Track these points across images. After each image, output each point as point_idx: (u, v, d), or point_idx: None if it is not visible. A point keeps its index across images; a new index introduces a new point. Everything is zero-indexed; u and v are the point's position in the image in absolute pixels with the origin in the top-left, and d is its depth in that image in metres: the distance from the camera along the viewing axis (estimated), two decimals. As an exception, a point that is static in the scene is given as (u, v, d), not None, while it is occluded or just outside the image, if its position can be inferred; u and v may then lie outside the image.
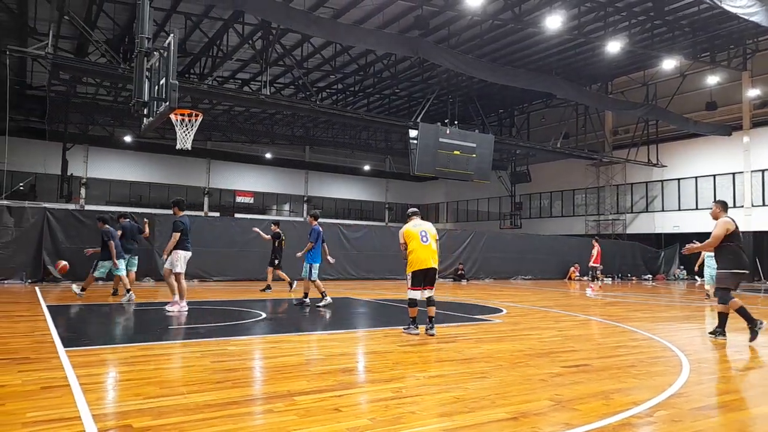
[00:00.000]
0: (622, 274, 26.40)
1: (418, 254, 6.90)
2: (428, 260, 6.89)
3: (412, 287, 6.98)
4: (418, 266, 6.89)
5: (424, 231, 7.03)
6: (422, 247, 6.91)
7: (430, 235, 7.05)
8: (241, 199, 37.75)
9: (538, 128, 32.83)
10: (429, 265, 6.90)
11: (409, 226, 7.18)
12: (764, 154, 25.01)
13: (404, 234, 7.09)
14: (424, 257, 6.89)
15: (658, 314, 10.30)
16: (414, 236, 6.99)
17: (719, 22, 20.53)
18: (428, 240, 6.97)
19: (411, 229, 7.08)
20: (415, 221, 7.25)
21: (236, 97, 20.72)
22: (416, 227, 7.10)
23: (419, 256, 6.90)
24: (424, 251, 6.90)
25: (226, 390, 4.02)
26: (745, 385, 4.75)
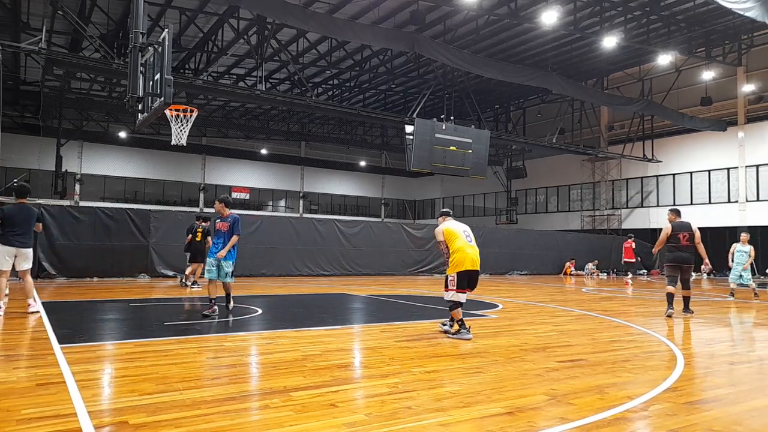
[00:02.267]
0: (617, 269, 26.48)
1: (466, 254, 6.48)
2: (476, 261, 6.55)
3: (458, 289, 6.47)
4: (466, 266, 6.46)
5: (467, 230, 6.73)
6: (469, 246, 6.56)
7: (472, 235, 6.77)
8: (236, 195, 37.65)
9: (533, 124, 32.85)
10: (476, 267, 6.55)
11: (448, 225, 6.78)
12: (759, 149, 25.10)
13: (444, 233, 6.66)
14: (473, 257, 6.52)
15: (652, 309, 10.35)
16: (457, 235, 6.61)
17: (714, 17, 20.56)
18: (473, 240, 6.69)
19: (452, 228, 6.70)
20: (450, 221, 6.90)
21: (231, 93, 20.66)
22: (457, 226, 6.75)
23: (468, 256, 6.48)
24: (472, 250, 6.55)
25: (223, 386, 4.02)
26: (739, 379, 4.78)
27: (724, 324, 8.56)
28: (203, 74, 22.89)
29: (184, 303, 9.25)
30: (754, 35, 23.55)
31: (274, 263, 17.44)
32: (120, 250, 15.33)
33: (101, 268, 15.00)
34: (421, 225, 24.40)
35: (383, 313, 9.55)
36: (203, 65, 22.75)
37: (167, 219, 16.17)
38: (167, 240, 15.74)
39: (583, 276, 24.14)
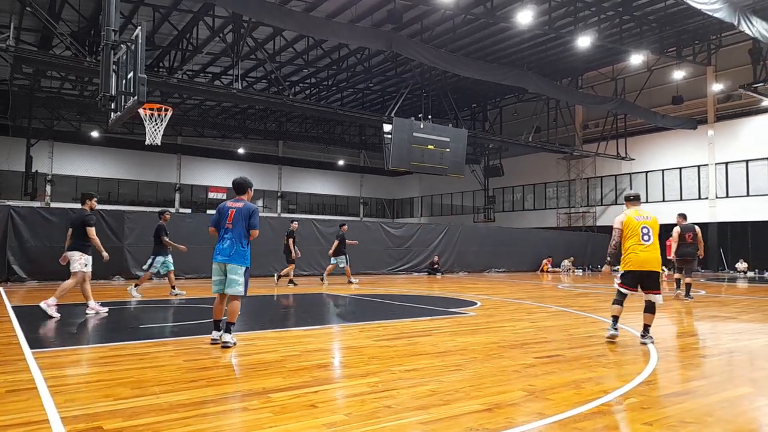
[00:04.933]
0: (593, 266, 26.93)
1: (637, 255, 6.05)
2: (647, 263, 6.04)
3: (621, 285, 6.23)
4: (633, 267, 6.08)
5: (647, 228, 6.09)
6: (641, 247, 6.03)
7: (653, 231, 6.13)
8: (213, 195, 37.23)
9: (510, 122, 33.19)
10: (648, 268, 6.05)
11: (629, 214, 6.21)
12: (728, 147, 25.77)
13: (623, 223, 6.15)
14: (643, 259, 6.03)
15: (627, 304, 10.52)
16: (634, 231, 6.08)
17: (685, 17, 21.03)
18: (650, 239, 6.08)
19: (631, 221, 6.14)
20: (634, 208, 6.29)
21: (207, 92, 20.41)
22: (638, 219, 6.15)
23: (637, 257, 6.05)
24: (643, 252, 6.03)
25: (200, 389, 3.97)
26: (711, 371, 4.90)
27: (695, 318, 8.77)
28: (178, 72, 22.56)
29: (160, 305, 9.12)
30: (723, 36, 24.15)
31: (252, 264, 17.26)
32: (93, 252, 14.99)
33: (74, 271, 14.66)
34: (400, 224, 24.46)
35: (362, 312, 9.54)
36: (178, 63, 22.42)
37: (142, 220, 15.90)
38: (142, 241, 15.48)
39: (560, 273, 24.48)
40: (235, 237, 5.75)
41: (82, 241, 7.92)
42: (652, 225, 6.17)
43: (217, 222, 5.88)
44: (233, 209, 5.84)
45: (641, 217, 6.18)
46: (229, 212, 5.82)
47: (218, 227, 5.87)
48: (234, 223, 5.77)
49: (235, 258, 5.72)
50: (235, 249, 5.73)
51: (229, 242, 5.74)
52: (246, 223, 5.79)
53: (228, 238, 5.76)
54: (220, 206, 5.99)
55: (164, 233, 10.77)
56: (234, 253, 5.72)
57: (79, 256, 7.92)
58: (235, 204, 5.90)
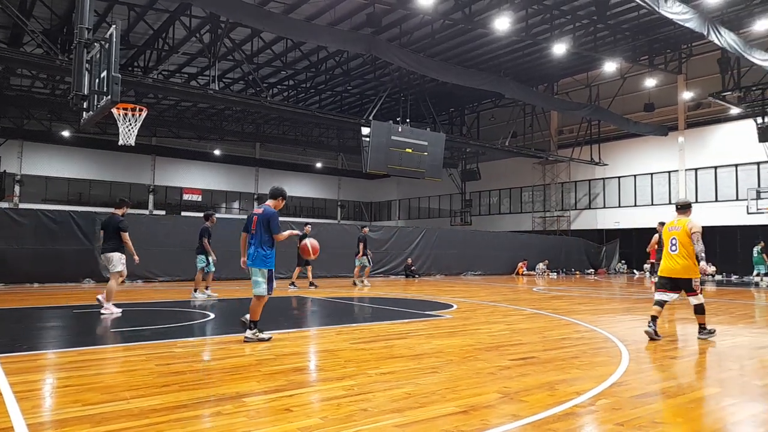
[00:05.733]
0: (567, 269, 27.34)
1: (665, 261, 6.81)
2: (674, 270, 6.67)
3: (657, 288, 6.97)
4: (663, 273, 6.83)
5: (675, 238, 6.68)
6: (668, 256, 6.75)
7: (680, 243, 6.63)
8: (188, 197, 36.76)
9: (487, 127, 33.53)
10: (675, 275, 6.68)
11: (667, 224, 6.97)
12: (698, 153, 26.45)
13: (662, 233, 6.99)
14: (670, 267, 6.72)
15: (600, 307, 10.73)
16: (666, 241, 6.84)
17: (657, 26, 21.54)
18: (676, 249, 6.66)
19: (665, 232, 6.92)
20: (674, 219, 6.92)
21: (183, 92, 20.14)
22: (671, 230, 6.82)
23: (665, 264, 6.81)
24: (669, 260, 6.74)
25: (173, 393, 3.90)
26: (680, 372, 5.01)
27: (665, 320, 8.96)
28: (153, 72, 22.25)
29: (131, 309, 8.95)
30: (693, 45, 24.81)
31: (228, 266, 17.05)
32: (63, 254, 14.69)
33: (43, 274, 14.31)
34: (378, 227, 24.46)
35: (339, 315, 9.51)
36: (153, 63, 22.09)
37: (115, 222, 15.59)
38: (115, 243, 15.19)
39: (535, 276, 24.78)
40: (258, 242, 6.13)
41: (119, 243, 8.46)
42: (680, 235, 6.67)
43: (247, 228, 6.33)
44: (256, 215, 6.26)
45: (673, 228, 6.81)
46: (253, 218, 6.25)
47: (248, 232, 6.29)
48: (257, 228, 6.17)
49: (257, 262, 6.11)
50: (257, 253, 6.12)
51: (252, 247, 6.17)
52: (266, 228, 6.14)
53: (252, 243, 6.18)
54: (248, 214, 6.48)
55: (208, 236, 11.26)
56: (256, 257, 6.11)
57: (119, 257, 8.48)
58: (258, 210, 6.31)
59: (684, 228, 6.64)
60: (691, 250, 6.55)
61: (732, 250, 24.50)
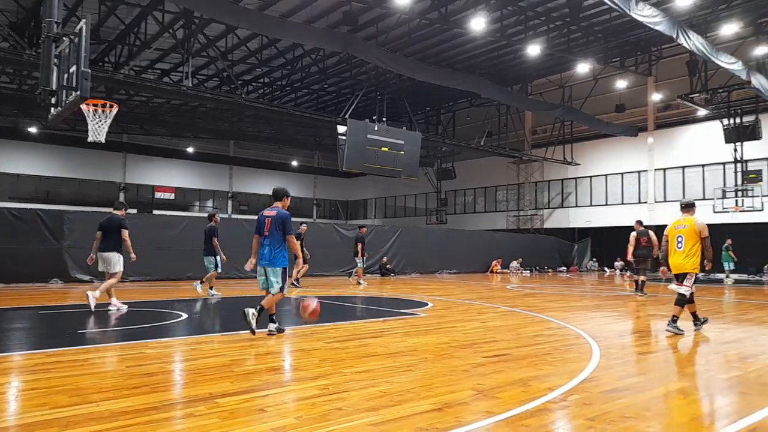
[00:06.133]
0: (540, 267, 27.73)
1: (671, 258, 7.29)
2: (680, 266, 7.12)
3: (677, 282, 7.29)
4: (672, 270, 7.30)
5: (681, 236, 7.13)
6: (674, 252, 7.24)
7: (686, 240, 7.09)
8: (160, 195, 36.13)
9: (463, 126, 33.77)
10: (679, 270, 7.15)
11: (672, 223, 7.41)
12: (666, 154, 27.08)
13: (668, 231, 7.37)
14: (675, 263, 7.20)
15: (571, 304, 10.91)
16: (672, 239, 7.30)
17: (628, 29, 21.98)
18: (682, 246, 7.13)
19: (671, 230, 7.33)
20: (679, 217, 7.37)
21: (155, 88, 19.77)
22: (677, 228, 7.26)
23: (670, 262, 7.30)
24: (674, 257, 7.21)
25: (144, 395, 3.84)
26: (649, 368, 5.13)
27: (634, 317, 9.17)
28: (124, 68, 21.79)
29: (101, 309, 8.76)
30: (663, 48, 25.40)
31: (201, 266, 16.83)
32: (30, 253, 14.27)
33: (8, 273, 13.88)
34: (354, 225, 24.42)
35: (315, 314, 9.45)
36: (125, 58, 21.64)
37: (84, 220, 15.23)
38: (84, 243, 14.83)
39: (509, 273, 25.06)
40: (272, 243, 6.47)
41: (118, 243, 8.73)
42: (687, 233, 7.12)
43: (258, 230, 6.61)
44: (269, 218, 6.57)
45: (680, 226, 7.26)
46: (266, 221, 6.56)
47: (260, 234, 6.59)
48: (270, 230, 6.50)
49: (274, 262, 6.48)
50: (273, 254, 6.47)
51: (267, 248, 6.49)
52: (280, 229, 6.47)
53: (266, 244, 6.50)
54: (258, 215, 6.73)
55: (215, 235, 11.39)
56: (272, 258, 6.47)
57: (118, 257, 8.77)
58: (270, 212, 6.61)
59: (691, 226, 7.08)
60: (697, 248, 7.04)
61: (699, 248, 25.16)
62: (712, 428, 3.38)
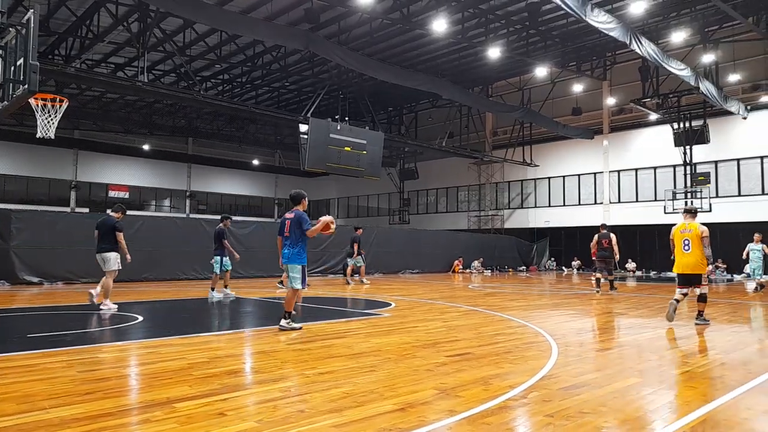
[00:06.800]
0: (500, 266, 28.20)
1: (679, 259, 7.87)
2: (687, 266, 7.75)
3: (677, 285, 7.96)
4: (678, 270, 7.90)
5: (688, 239, 7.75)
6: (681, 254, 7.85)
7: (693, 244, 7.71)
8: (114, 194, 34.95)
9: (425, 127, 34.02)
10: (688, 271, 7.75)
11: (677, 226, 7.97)
12: (620, 156, 28.00)
13: (673, 235, 8.00)
14: (681, 262, 7.84)
15: (531, 303, 11.14)
16: (677, 244, 7.90)
17: (584, 34, 22.61)
18: (689, 248, 7.74)
19: (677, 233, 7.94)
20: (684, 222, 7.96)
21: (109, 83, 19.13)
22: (682, 232, 7.86)
23: (678, 261, 7.89)
24: (683, 258, 7.82)
25: (97, 401, 3.69)
26: (605, 364, 5.28)
27: (591, 315, 9.43)
28: (76, 61, 20.99)
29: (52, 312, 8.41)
30: (617, 53, 26.24)
31: (158, 267, 16.40)
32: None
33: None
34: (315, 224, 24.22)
35: (276, 315, 9.34)
36: (76, 52, 20.83)
37: (32, 220, 14.61)
38: (32, 243, 14.22)
39: (470, 273, 25.39)
40: (293, 243, 7.09)
41: (115, 243, 9.02)
42: (692, 237, 7.77)
43: (281, 232, 7.25)
44: (288, 220, 7.23)
45: (685, 230, 7.89)
46: (286, 223, 7.23)
47: (282, 235, 7.21)
48: (290, 231, 7.13)
49: (293, 260, 7.08)
50: (292, 252, 7.07)
51: (288, 248, 7.11)
52: (298, 229, 7.07)
53: (288, 245, 7.14)
54: (281, 219, 7.48)
55: (225, 236, 11.66)
56: (292, 256, 7.07)
57: (116, 257, 9.06)
58: (289, 215, 7.27)
59: (696, 231, 7.77)
60: (701, 251, 7.72)
61: (651, 247, 26.11)
62: (664, 422, 3.50)
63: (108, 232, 9.02)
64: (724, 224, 22.76)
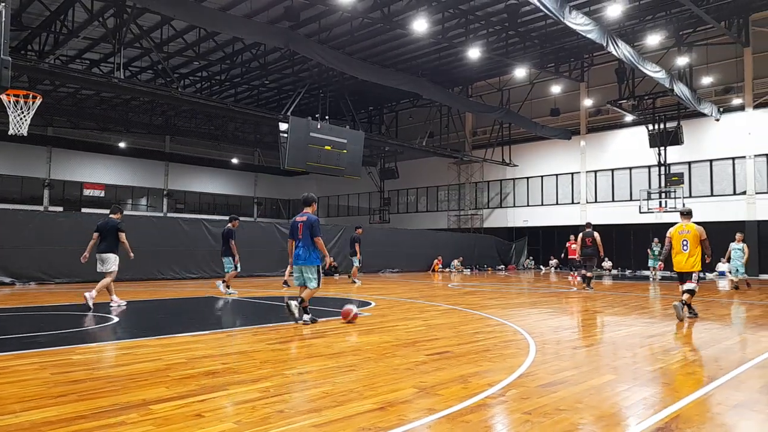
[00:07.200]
0: (479, 265, 28.40)
1: (678, 258, 8.50)
2: (682, 265, 8.41)
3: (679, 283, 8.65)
4: (676, 269, 8.54)
5: (686, 240, 8.38)
6: (680, 253, 8.46)
7: (691, 244, 8.33)
8: (89, 192, 34.32)
9: (405, 126, 34.08)
10: (685, 269, 8.41)
11: (675, 228, 8.55)
12: (597, 157, 28.41)
13: (671, 235, 8.55)
14: (678, 261, 8.50)
15: (509, 301, 11.24)
16: (675, 244, 8.52)
17: (563, 36, 22.88)
18: (687, 249, 8.36)
19: (675, 234, 8.52)
20: (681, 223, 8.55)
21: (84, 79, 18.73)
22: (681, 233, 8.47)
23: (675, 260, 8.53)
24: (681, 257, 8.45)
25: (71, 404, 3.62)
26: (581, 361, 5.35)
27: (568, 313, 9.56)
28: (50, 57, 20.52)
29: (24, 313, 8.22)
30: (594, 55, 26.62)
31: (135, 267, 16.11)
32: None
33: None
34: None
35: (255, 315, 9.28)
36: (50, 47, 20.38)
37: (4, 219, 14.25)
38: (4, 242, 13.88)
39: (449, 272, 25.52)
40: (306, 245, 7.45)
41: (115, 244, 9.24)
42: (690, 237, 8.38)
43: (292, 234, 7.63)
44: (300, 223, 7.56)
45: (683, 231, 8.49)
46: (298, 226, 7.56)
47: (294, 238, 7.57)
48: (303, 234, 7.49)
49: (308, 261, 7.46)
50: (306, 254, 7.45)
51: (302, 250, 7.46)
52: (310, 232, 7.44)
53: (301, 247, 7.49)
54: (291, 222, 7.81)
55: (233, 237, 12.03)
56: (307, 258, 7.45)
57: (115, 258, 9.27)
58: (301, 218, 7.60)
59: (693, 232, 8.36)
60: (698, 250, 8.35)
61: (626, 246, 26.57)
62: (638, 418, 3.56)
63: (111, 233, 9.24)
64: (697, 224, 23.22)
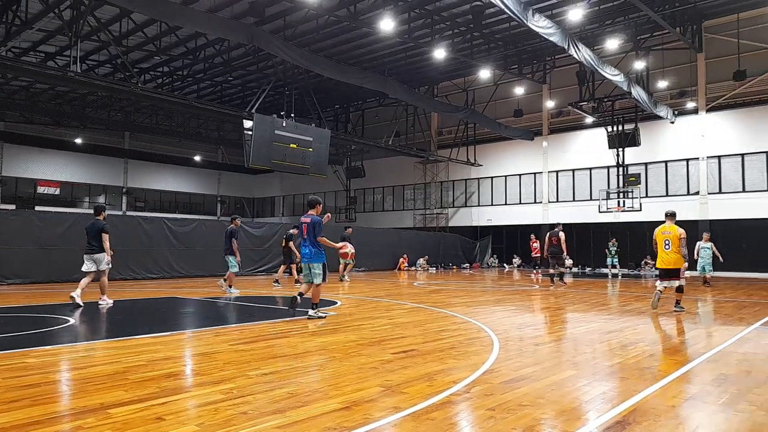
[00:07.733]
0: (445, 264, 28.68)
1: (661, 256, 9.15)
2: (668, 263, 9.03)
3: (660, 278, 9.23)
4: (660, 266, 9.21)
5: (668, 240, 9.01)
6: (662, 252, 9.13)
7: (672, 244, 8.96)
8: (44, 190, 33.09)
9: (372, 125, 34.07)
10: (669, 267, 9.04)
11: (659, 228, 9.18)
12: (558, 157, 29.06)
13: (655, 235, 9.23)
14: (661, 258, 9.15)
15: (474, 299, 11.39)
16: (659, 242, 9.16)
17: (526, 38, 23.30)
18: (669, 248, 9.01)
19: (659, 234, 9.18)
20: (665, 224, 9.16)
21: (37, 73, 18.03)
22: (663, 234, 9.11)
23: (659, 258, 9.20)
24: (664, 255, 9.09)
25: (24, 409, 3.48)
26: (543, 358, 5.47)
27: (531, 310, 9.75)
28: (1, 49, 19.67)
29: None
30: (556, 58, 27.19)
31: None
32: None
33: None
34: (260, 223, 23.82)
35: (217, 316, 9.13)
36: (1, 39, 19.52)
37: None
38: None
39: (415, 271, 25.67)
40: (311, 244, 7.97)
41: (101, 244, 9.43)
42: (672, 237, 9.02)
43: (300, 233, 8.13)
44: (305, 223, 8.07)
45: (665, 232, 9.14)
46: (303, 226, 8.09)
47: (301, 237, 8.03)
48: (307, 234, 8.00)
49: (314, 259, 7.99)
50: (312, 252, 7.97)
51: (308, 249, 8.00)
52: (314, 232, 7.95)
53: (306, 245, 8.02)
54: (299, 223, 8.37)
55: (235, 237, 12.26)
56: (313, 256, 7.99)
57: (104, 256, 9.47)
58: (306, 219, 8.11)
59: (674, 233, 9.00)
60: (679, 249, 8.95)
61: (586, 244, 27.26)
62: (598, 412, 3.66)
63: (96, 234, 9.42)
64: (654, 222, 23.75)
